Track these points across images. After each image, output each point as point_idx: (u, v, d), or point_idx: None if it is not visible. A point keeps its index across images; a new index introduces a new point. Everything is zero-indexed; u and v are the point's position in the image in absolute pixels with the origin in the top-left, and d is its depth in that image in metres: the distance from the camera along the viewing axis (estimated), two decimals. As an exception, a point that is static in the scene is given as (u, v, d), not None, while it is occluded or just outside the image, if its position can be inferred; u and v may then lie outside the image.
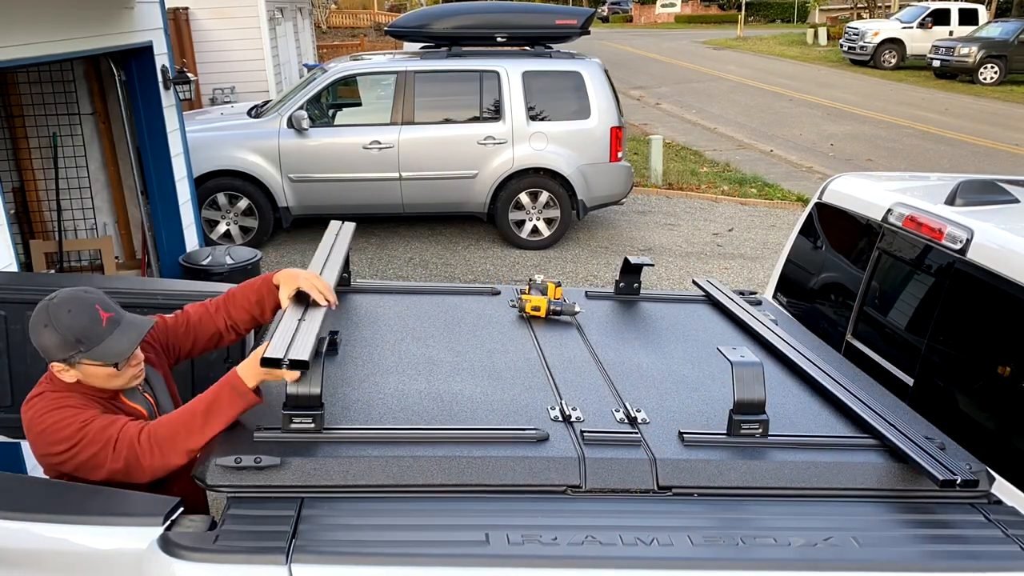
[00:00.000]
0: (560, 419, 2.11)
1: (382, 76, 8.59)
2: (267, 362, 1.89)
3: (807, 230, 3.64)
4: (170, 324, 2.43)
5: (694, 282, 3.27)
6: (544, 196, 8.51)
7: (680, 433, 2.08)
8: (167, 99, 6.22)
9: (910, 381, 2.79)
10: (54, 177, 6.98)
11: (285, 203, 8.30)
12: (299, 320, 2.14)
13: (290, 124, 8.14)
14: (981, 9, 25.90)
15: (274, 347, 1.93)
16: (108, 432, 2.00)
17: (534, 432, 2.01)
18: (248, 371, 1.99)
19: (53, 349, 2.05)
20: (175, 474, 2.08)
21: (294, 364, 1.89)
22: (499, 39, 8.50)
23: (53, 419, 2.03)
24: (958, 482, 1.93)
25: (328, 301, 2.29)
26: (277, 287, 2.38)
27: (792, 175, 12.28)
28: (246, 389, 1.98)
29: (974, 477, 1.98)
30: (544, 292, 2.87)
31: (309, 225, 8.92)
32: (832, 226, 3.48)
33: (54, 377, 2.13)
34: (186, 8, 12.16)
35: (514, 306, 2.93)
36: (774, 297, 3.81)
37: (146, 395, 2.32)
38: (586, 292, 3.12)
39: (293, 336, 2.02)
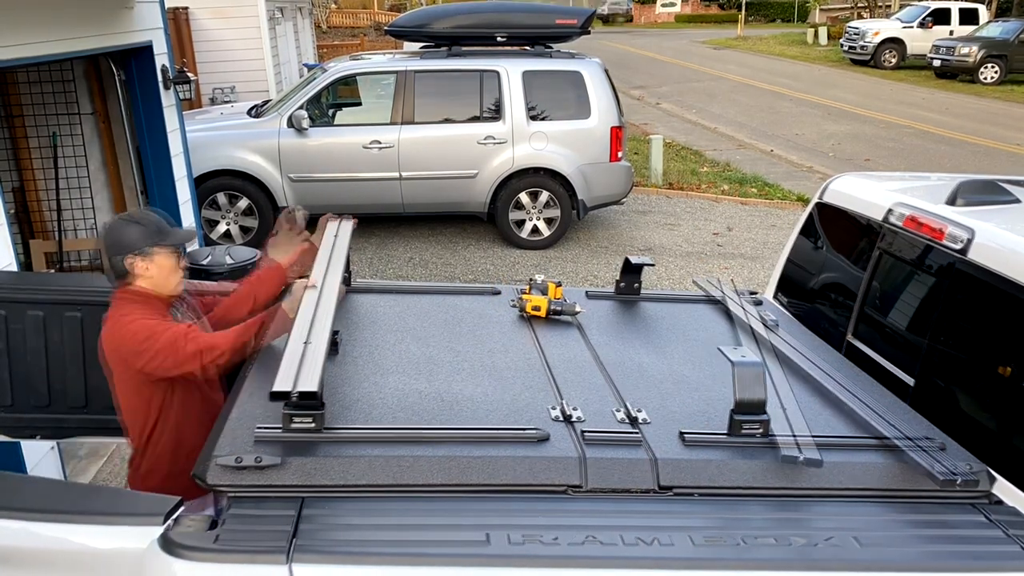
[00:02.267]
0: (561, 419, 2.11)
1: (382, 76, 8.59)
2: (276, 396, 1.91)
3: (808, 230, 3.64)
4: (224, 304, 2.86)
5: (694, 282, 3.27)
6: (544, 196, 8.51)
7: (681, 433, 2.08)
8: (167, 99, 6.21)
9: (911, 381, 2.79)
10: (54, 177, 6.98)
11: (285, 203, 8.29)
12: (304, 343, 2.12)
13: (290, 124, 8.13)
14: (981, 9, 25.90)
15: (282, 379, 1.92)
16: (174, 329, 2.47)
17: (535, 432, 2.01)
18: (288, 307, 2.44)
19: (139, 239, 2.52)
20: None
21: (303, 396, 1.88)
22: (499, 39, 8.49)
23: (134, 323, 2.45)
24: (958, 482, 1.92)
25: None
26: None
27: (792, 175, 12.28)
28: (289, 320, 2.34)
29: (974, 477, 1.98)
30: (544, 292, 2.87)
31: (309, 225, 8.90)
32: (833, 226, 3.48)
33: (121, 301, 2.54)
34: (186, 8, 12.16)
35: (515, 306, 2.93)
36: (774, 297, 3.81)
37: (190, 315, 2.73)
38: (586, 292, 3.12)
39: (300, 364, 1.99)
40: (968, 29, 24.38)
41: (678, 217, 9.97)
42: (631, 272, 3.09)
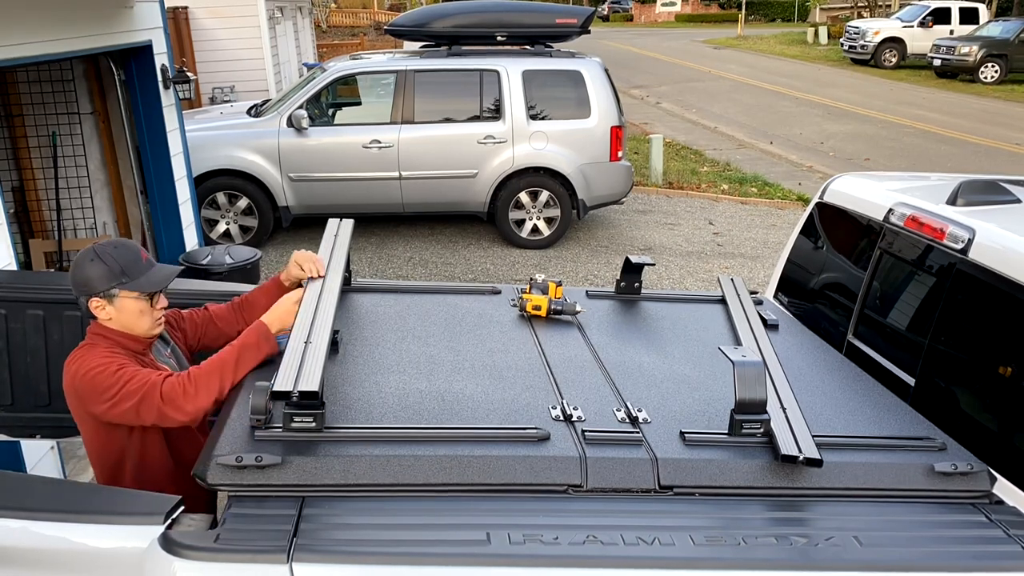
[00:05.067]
0: (561, 418, 2.11)
1: (382, 75, 8.59)
2: (276, 395, 1.89)
3: (808, 230, 3.64)
4: (186, 316, 2.66)
5: (718, 279, 3.27)
6: (544, 195, 8.50)
7: (681, 433, 2.07)
8: (166, 98, 6.21)
9: (911, 381, 2.79)
10: (53, 176, 6.98)
11: (285, 202, 8.30)
12: (305, 343, 2.12)
13: (290, 123, 8.13)
14: (982, 8, 25.89)
15: (282, 379, 1.92)
16: (141, 380, 2.19)
17: (535, 431, 2.01)
18: (272, 318, 2.33)
19: (97, 280, 2.26)
20: None
21: (304, 395, 1.88)
22: (499, 38, 8.49)
23: (96, 371, 2.20)
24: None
25: (317, 272, 2.57)
26: (287, 285, 2.66)
27: (792, 174, 12.28)
28: (271, 335, 2.29)
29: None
30: (545, 291, 2.87)
31: (309, 224, 8.91)
32: (833, 226, 3.48)
33: (93, 336, 2.32)
34: (186, 7, 12.16)
35: (515, 305, 2.93)
36: (775, 297, 3.81)
37: (172, 360, 2.49)
38: (587, 291, 3.12)
39: (300, 364, 1.99)
40: (968, 28, 24.38)
41: (678, 217, 9.96)
42: (631, 271, 3.08)
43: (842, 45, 27.59)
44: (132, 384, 2.18)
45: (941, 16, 25.22)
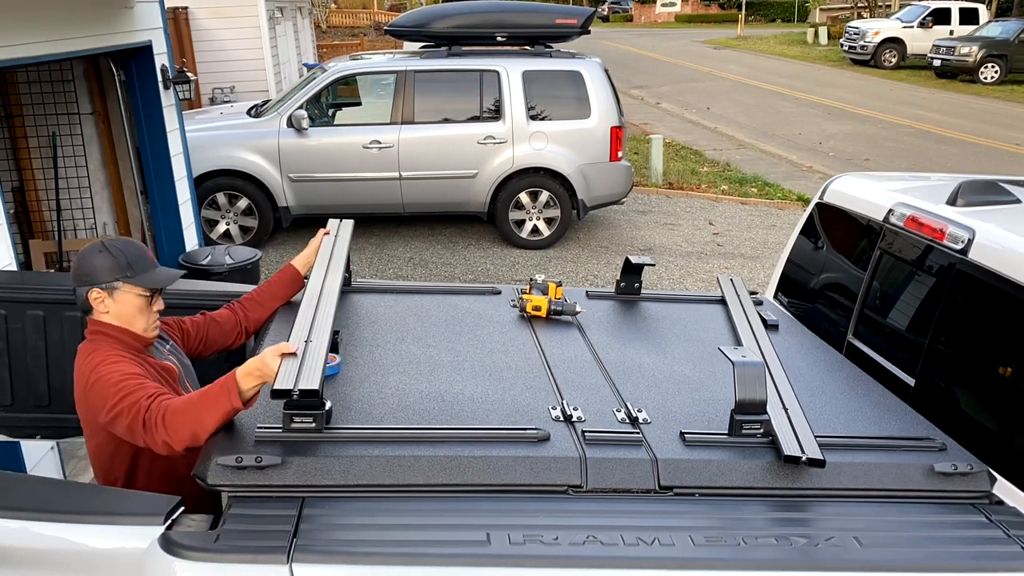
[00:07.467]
0: (561, 419, 2.11)
1: (382, 76, 8.59)
2: (277, 394, 1.88)
3: (808, 230, 3.64)
4: (185, 320, 2.65)
5: (718, 280, 3.27)
6: (544, 196, 8.50)
7: (681, 433, 2.08)
8: (167, 99, 6.21)
9: (911, 381, 2.79)
10: (53, 177, 6.98)
11: (285, 203, 8.30)
12: (306, 342, 2.12)
13: (290, 124, 8.13)
14: (982, 8, 25.89)
15: (283, 377, 1.91)
16: (134, 399, 2.07)
17: (535, 432, 2.01)
18: (244, 374, 1.97)
19: (102, 271, 2.24)
20: None
21: (304, 394, 1.88)
22: (499, 38, 8.49)
23: (99, 377, 2.14)
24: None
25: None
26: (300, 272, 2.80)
27: (792, 175, 12.28)
28: (236, 392, 1.95)
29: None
30: (545, 292, 2.87)
31: (309, 225, 8.91)
32: (833, 226, 3.48)
33: (93, 334, 2.28)
34: (186, 7, 12.16)
35: (515, 306, 2.93)
36: (775, 297, 3.81)
37: (172, 357, 2.46)
38: (587, 292, 3.12)
39: (301, 363, 1.99)
40: (968, 29, 24.39)
41: (678, 217, 9.96)
42: (631, 272, 3.09)
43: (842, 45, 27.58)
44: (127, 400, 2.08)
45: (941, 16, 25.22)
